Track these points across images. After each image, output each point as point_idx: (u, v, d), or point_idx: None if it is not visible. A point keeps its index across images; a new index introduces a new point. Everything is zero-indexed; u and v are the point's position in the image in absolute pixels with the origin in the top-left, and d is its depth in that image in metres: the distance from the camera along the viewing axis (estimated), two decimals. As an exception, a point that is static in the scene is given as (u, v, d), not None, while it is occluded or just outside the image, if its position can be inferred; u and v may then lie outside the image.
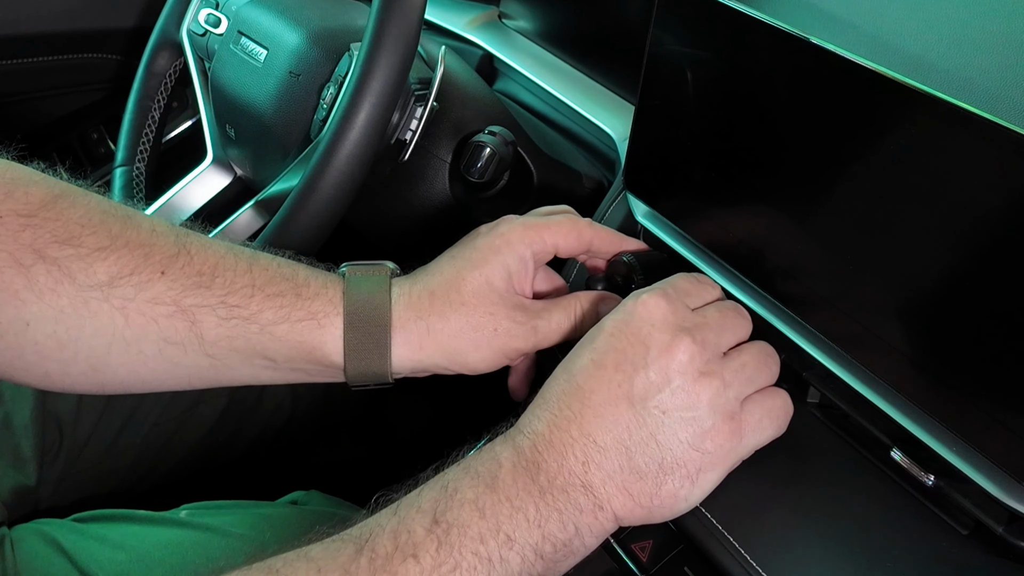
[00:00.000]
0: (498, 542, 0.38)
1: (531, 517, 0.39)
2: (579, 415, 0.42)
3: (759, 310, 0.51)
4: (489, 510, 0.39)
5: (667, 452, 0.42)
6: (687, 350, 0.43)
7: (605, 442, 0.42)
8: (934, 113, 0.40)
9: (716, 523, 0.47)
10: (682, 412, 0.42)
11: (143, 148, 0.95)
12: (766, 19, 0.47)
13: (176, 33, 0.92)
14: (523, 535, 0.39)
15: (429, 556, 0.37)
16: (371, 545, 0.38)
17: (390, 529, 0.38)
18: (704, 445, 0.43)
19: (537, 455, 0.41)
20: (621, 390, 0.42)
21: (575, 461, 0.41)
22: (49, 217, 0.47)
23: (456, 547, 0.38)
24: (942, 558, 0.43)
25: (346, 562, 0.37)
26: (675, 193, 0.56)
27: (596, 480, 0.41)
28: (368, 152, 0.65)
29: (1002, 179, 0.38)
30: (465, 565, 0.38)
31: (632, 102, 0.78)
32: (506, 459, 0.41)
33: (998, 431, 0.40)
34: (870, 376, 0.46)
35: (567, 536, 0.40)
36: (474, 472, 0.41)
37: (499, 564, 0.38)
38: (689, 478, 0.42)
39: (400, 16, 0.64)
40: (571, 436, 0.42)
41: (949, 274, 0.41)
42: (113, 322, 0.48)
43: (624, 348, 0.43)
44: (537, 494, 0.40)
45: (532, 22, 0.92)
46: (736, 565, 0.45)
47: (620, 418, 0.42)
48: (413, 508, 0.40)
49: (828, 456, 0.49)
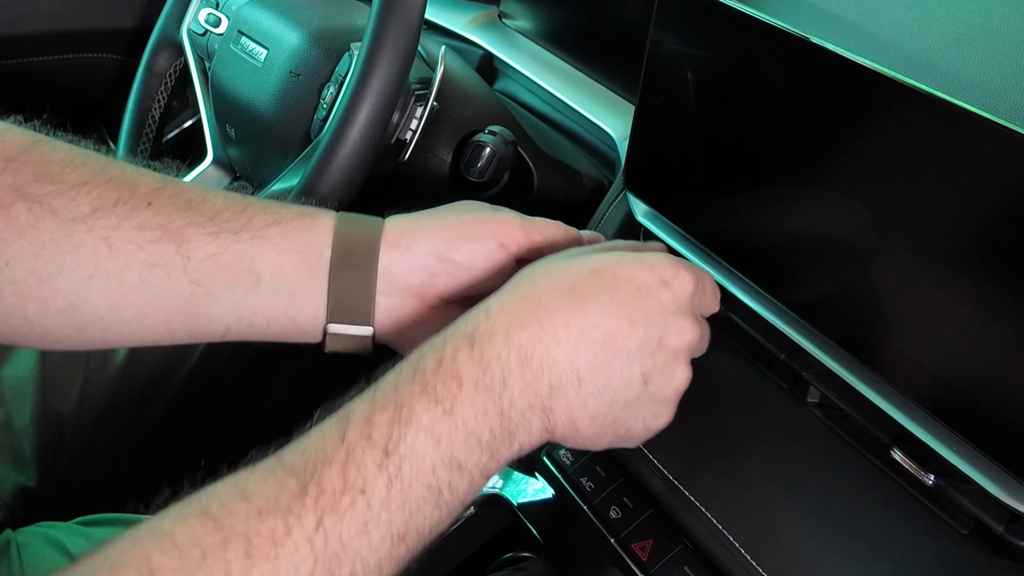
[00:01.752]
0: (448, 470, 0.37)
1: (484, 442, 0.38)
2: (575, 343, 0.41)
3: (759, 310, 0.51)
4: (444, 438, 0.37)
5: (624, 412, 0.42)
6: (693, 342, 0.44)
7: (585, 376, 0.41)
8: (935, 113, 0.40)
9: (716, 523, 0.47)
10: (654, 389, 0.43)
11: (143, 148, 0.95)
12: (766, 19, 0.47)
13: (176, 33, 0.92)
14: (475, 460, 0.38)
15: (379, 494, 0.36)
16: (317, 481, 0.36)
17: (338, 462, 0.36)
18: (649, 423, 0.44)
19: (506, 373, 0.39)
20: (626, 343, 0.42)
21: (545, 384, 0.40)
22: (29, 160, 0.47)
23: (408, 483, 0.36)
24: (942, 558, 0.43)
25: (290, 501, 0.35)
26: (675, 193, 0.56)
27: (558, 406, 0.40)
28: (368, 152, 0.65)
29: (1002, 179, 0.38)
30: (415, 498, 0.37)
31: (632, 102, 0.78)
32: (468, 376, 0.39)
33: (998, 430, 0.40)
34: (870, 376, 0.46)
35: (511, 453, 0.40)
36: (431, 391, 0.38)
37: (447, 491, 0.38)
38: (614, 439, 0.43)
39: (400, 16, 0.64)
40: (551, 355, 0.40)
41: (949, 273, 0.41)
42: (96, 253, 0.47)
43: (645, 308, 0.42)
44: (495, 417, 0.39)
45: (532, 22, 0.92)
46: (736, 565, 0.45)
47: (612, 364, 0.41)
48: (363, 437, 0.37)
49: (828, 456, 0.49)
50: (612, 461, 0.53)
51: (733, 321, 0.55)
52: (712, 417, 0.52)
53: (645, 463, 0.51)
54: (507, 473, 0.57)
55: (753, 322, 0.54)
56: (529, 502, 0.56)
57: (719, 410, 0.53)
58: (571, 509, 0.53)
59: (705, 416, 0.52)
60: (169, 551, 0.33)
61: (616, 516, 0.51)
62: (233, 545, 0.34)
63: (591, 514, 0.52)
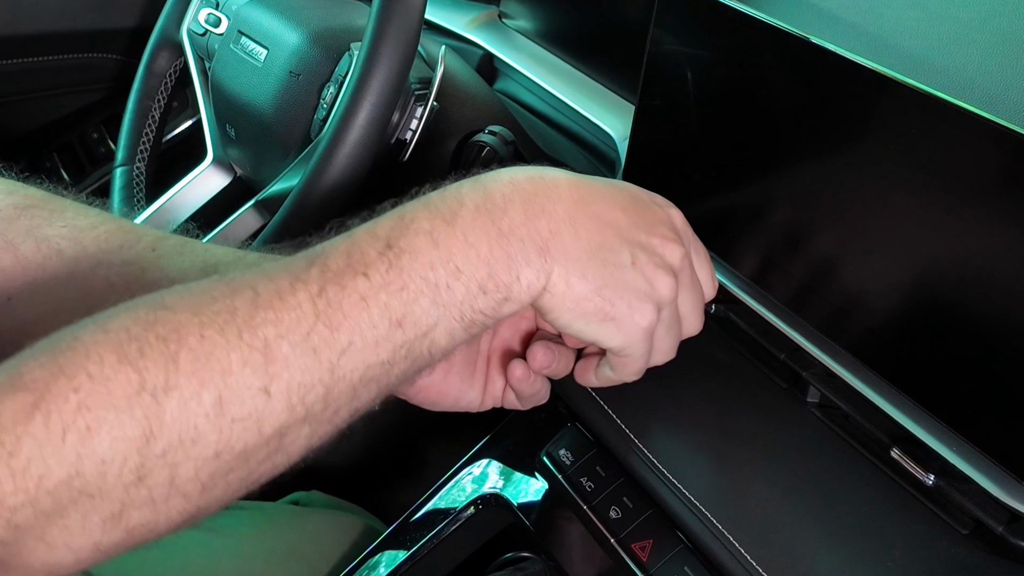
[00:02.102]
0: (447, 271, 0.39)
1: (482, 255, 0.40)
2: (574, 202, 0.43)
3: (759, 309, 0.51)
4: (443, 242, 0.39)
5: (611, 284, 0.43)
6: (677, 254, 0.44)
7: (580, 234, 0.42)
8: (934, 113, 0.40)
9: (716, 523, 0.47)
10: (641, 278, 0.43)
11: (143, 148, 0.95)
12: (766, 19, 0.47)
13: (176, 33, 0.92)
14: (471, 268, 0.40)
15: (379, 275, 0.38)
16: (323, 260, 0.38)
17: (343, 248, 0.39)
18: (633, 310, 0.43)
19: (508, 204, 0.41)
20: (618, 223, 0.43)
21: (545, 226, 0.41)
22: (45, 208, 0.49)
23: (406, 271, 0.38)
24: (942, 558, 0.43)
25: (296, 270, 0.38)
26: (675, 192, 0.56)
27: (553, 251, 0.41)
28: (368, 152, 0.65)
29: (1002, 178, 0.38)
30: (412, 287, 0.38)
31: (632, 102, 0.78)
32: (471, 200, 0.41)
33: (998, 429, 0.40)
34: (870, 376, 0.46)
35: (509, 279, 0.40)
36: (434, 207, 0.41)
37: (444, 291, 0.39)
38: (602, 315, 0.43)
39: (400, 16, 0.64)
40: (552, 206, 0.42)
41: (949, 272, 0.41)
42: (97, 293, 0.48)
43: (641, 209, 0.45)
44: (495, 235, 0.40)
45: (532, 22, 0.92)
46: (736, 565, 0.45)
47: (605, 232, 0.43)
48: (367, 232, 0.40)
49: (828, 456, 0.49)
50: (612, 461, 0.53)
51: (733, 321, 0.56)
52: (712, 417, 0.52)
53: (645, 463, 0.51)
54: (507, 473, 0.57)
55: (753, 322, 0.54)
56: (529, 502, 0.56)
57: (719, 410, 0.53)
58: (571, 509, 0.53)
59: (705, 416, 0.52)
60: (180, 292, 0.36)
61: (616, 516, 0.51)
62: (241, 293, 0.36)
63: (591, 514, 0.52)
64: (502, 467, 0.58)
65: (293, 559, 0.65)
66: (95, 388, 0.32)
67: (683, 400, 0.54)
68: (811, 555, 0.45)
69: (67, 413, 0.32)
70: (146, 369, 0.33)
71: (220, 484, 0.36)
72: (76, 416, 0.32)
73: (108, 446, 0.32)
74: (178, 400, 0.33)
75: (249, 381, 0.35)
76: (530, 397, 0.50)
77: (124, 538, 0.35)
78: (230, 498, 0.38)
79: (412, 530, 0.58)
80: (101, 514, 0.33)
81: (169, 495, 0.34)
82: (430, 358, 0.40)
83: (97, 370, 0.33)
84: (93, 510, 0.33)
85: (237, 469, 0.36)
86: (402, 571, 0.56)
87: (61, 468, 0.31)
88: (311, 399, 0.36)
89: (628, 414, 0.53)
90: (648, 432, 0.52)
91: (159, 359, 0.33)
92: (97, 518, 0.33)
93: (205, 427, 0.34)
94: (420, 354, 0.40)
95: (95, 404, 0.32)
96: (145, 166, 0.94)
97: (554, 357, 0.48)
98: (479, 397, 0.51)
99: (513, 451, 0.58)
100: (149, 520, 0.35)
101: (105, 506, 0.33)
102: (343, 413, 0.39)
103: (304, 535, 0.67)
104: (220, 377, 0.34)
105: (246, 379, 0.35)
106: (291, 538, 0.67)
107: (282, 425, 0.36)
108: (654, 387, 0.55)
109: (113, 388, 0.32)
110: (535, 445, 0.56)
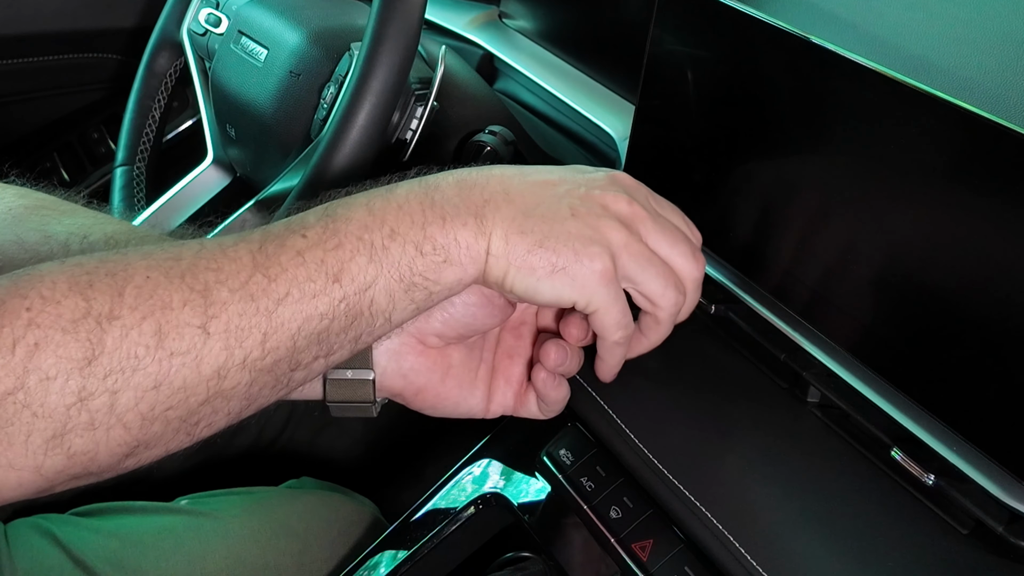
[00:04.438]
0: (382, 233, 0.41)
1: (416, 219, 0.42)
2: (507, 177, 0.45)
3: (759, 309, 0.51)
4: (378, 209, 0.42)
5: (551, 235, 0.43)
6: (622, 203, 0.45)
7: (514, 199, 0.44)
8: (935, 113, 0.40)
9: (716, 523, 0.47)
10: (582, 225, 0.44)
11: (143, 148, 0.95)
12: (766, 19, 0.47)
13: (176, 33, 0.92)
14: (406, 229, 0.42)
15: (315, 234, 0.41)
16: (266, 227, 0.42)
17: (286, 221, 0.42)
18: (579, 257, 0.43)
19: (441, 182, 0.44)
20: (554, 188, 0.45)
21: (479, 197, 0.44)
22: (56, 208, 0.52)
23: (341, 231, 0.41)
24: (942, 558, 0.43)
25: (242, 235, 0.41)
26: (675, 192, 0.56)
27: (488, 215, 0.43)
28: (368, 152, 0.65)
29: (1003, 178, 0.38)
30: (348, 246, 0.41)
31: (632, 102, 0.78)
32: (406, 183, 0.44)
33: (998, 429, 0.40)
34: (870, 376, 0.46)
35: (446, 241, 0.42)
36: (373, 190, 0.44)
37: (380, 250, 0.41)
38: (551, 266, 0.43)
39: (400, 16, 0.64)
40: (485, 181, 0.44)
41: (950, 272, 0.41)
42: None
43: (579, 172, 0.47)
44: (427, 203, 0.43)
45: (532, 22, 0.92)
46: (736, 565, 0.45)
47: (538, 193, 0.45)
48: (309, 208, 0.43)
49: (828, 456, 0.49)
50: (612, 461, 0.53)
51: (733, 321, 0.56)
52: (712, 417, 0.52)
53: (645, 463, 0.51)
54: (507, 473, 0.57)
55: (753, 322, 0.54)
56: (529, 502, 0.56)
57: (719, 410, 0.53)
58: (571, 509, 0.53)
59: (705, 416, 0.52)
60: (137, 245, 0.40)
61: (616, 516, 0.51)
62: (189, 246, 0.40)
63: (591, 514, 0.52)
64: (502, 467, 0.58)
65: (283, 537, 0.65)
66: (45, 308, 0.35)
67: (683, 400, 0.54)
68: (811, 555, 0.45)
69: (18, 328, 0.35)
70: (94, 298, 0.36)
71: (160, 419, 0.38)
72: (26, 331, 0.35)
73: (53, 363, 0.35)
74: (120, 328, 0.36)
75: (188, 319, 0.37)
76: (555, 402, 0.50)
77: (65, 464, 0.36)
78: (171, 440, 0.39)
79: (412, 530, 0.58)
80: (43, 434, 0.35)
81: (110, 423, 0.36)
82: (372, 319, 0.42)
83: (49, 293, 0.36)
84: (36, 429, 0.35)
85: (176, 407, 0.38)
86: (402, 571, 0.56)
87: (8, 379, 0.34)
88: (249, 343, 0.39)
89: (628, 414, 0.53)
90: (648, 432, 0.52)
91: (106, 291, 0.37)
92: (39, 438, 0.35)
93: (145, 357, 0.36)
94: (360, 311, 0.41)
95: (44, 322, 0.35)
96: (145, 166, 0.94)
97: (566, 354, 0.48)
98: (482, 404, 0.51)
99: (513, 451, 0.58)
100: (90, 448, 0.37)
101: (47, 425, 0.35)
102: (283, 367, 0.40)
103: (294, 515, 0.68)
104: (161, 312, 0.37)
105: (185, 316, 0.37)
106: (281, 518, 0.67)
107: (220, 366, 0.38)
108: (654, 387, 0.55)
109: (62, 311, 0.35)
110: (535, 445, 0.56)
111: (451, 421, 0.54)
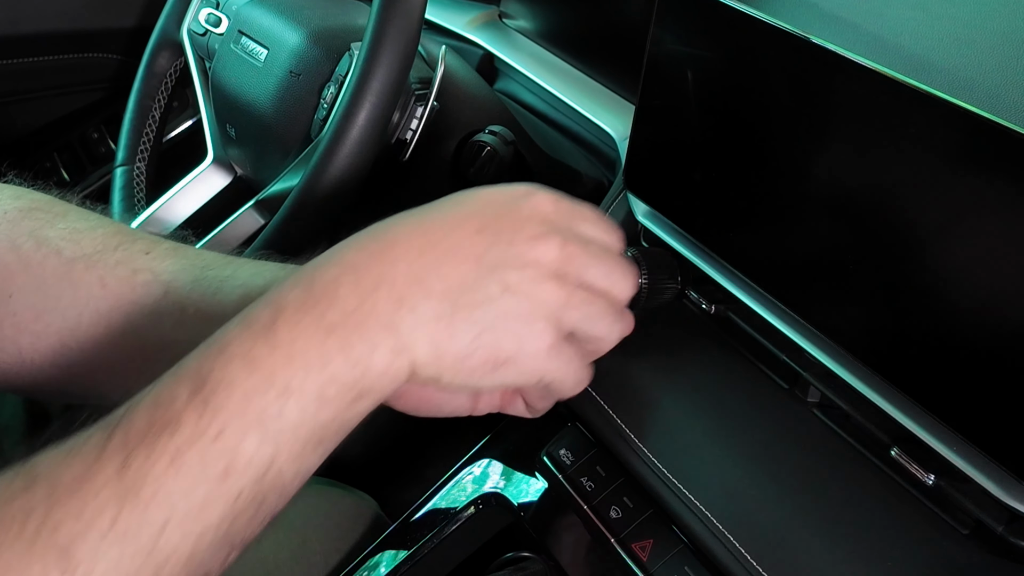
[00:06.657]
0: (274, 394, 0.35)
1: (312, 360, 0.35)
2: (417, 254, 0.38)
3: (759, 310, 0.51)
4: (261, 363, 0.35)
5: (489, 326, 0.38)
6: (553, 250, 0.40)
7: (433, 287, 0.37)
8: (935, 113, 0.40)
9: (716, 523, 0.47)
10: (520, 300, 0.39)
11: (143, 148, 0.95)
12: (766, 19, 0.47)
13: (176, 33, 0.92)
14: (301, 381, 0.35)
15: (189, 426, 0.33)
16: (126, 423, 0.34)
17: (149, 400, 0.35)
18: (523, 343, 0.39)
19: (335, 291, 0.36)
20: (474, 250, 0.39)
21: (386, 299, 0.37)
22: (49, 212, 0.51)
23: (222, 412, 0.34)
24: (942, 558, 0.43)
25: (96, 446, 0.33)
26: (676, 192, 0.56)
27: (405, 323, 0.37)
28: (368, 152, 0.65)
29: (1003, 178, 0.38)
30: (232, 428, 0.34)
31: (632, 102, 0.78)
32: (290, 302, 0.36)
33: (998, 429, 0.40)
34: (870, 375, 0.46)
35: (356, 374, 0.36)
36: (249, 322, 0.36)
37: (274, 419, 0.34)
38: (492, 363, 0.39)
39: (400, 16, 0.64)
40: (392, 271, 0.37)
41: (950, 272, 0.41)
42: (90, 291, 0.49)
43: (496, 218, 0.40)
44: (323, 333, 0.36)
45: (532, 22, 0.92)
46: (736, 565, 0.45)
47: (461, 270, 0.38)
48: (177, 370, 0.36)
49: (828, 456, 0.49)
50: (612, 461, 0.53)
51: (733, 321, 0.56)
52: (712, 417, 0.52)
53: (645, 463, 0.51)
54: (508, 473, 0.57)
55: (753, 322, 0.54)
56: (529, 502, 0.56)
57: (719, 410, 0.53)
58: (571, 509, 0.53)
59: (705, 416, 0.52)
60: None
61: (616, 516, 0.51)
62: (37, 491, 0.32)
63: (591, 514, 0.52)
64: (503, 467, 0.58)
65: (281, 530, 0.65)
66: None
67: (683, 400, 0.54)
68: (811, 554, 0.45)
69: None
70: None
71: None
72: None
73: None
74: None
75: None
76: (543, 409, 0.48)
77: None
78: None
79: (412, 530, 0.58)
80: None
81: None
82: (281, 491, 0.36)
83: None
84: None
85: None
86: (402, 571, 0.56)
87: None
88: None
89: (628, 414, 0.53)
90: (648, 432, 0.52)
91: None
92: None
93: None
94: (264, 496, 0.35)
95: None
96: (145, 166, 0.94)
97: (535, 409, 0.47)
98: (467, 404, 0.48)
99: (513, 451, 0.58)
100: None
101: None
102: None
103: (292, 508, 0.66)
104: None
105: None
106: None
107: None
108: (654, 387, 0.55)
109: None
110: (535, 445, 0.57)
111: (451, 420, 0.54)
